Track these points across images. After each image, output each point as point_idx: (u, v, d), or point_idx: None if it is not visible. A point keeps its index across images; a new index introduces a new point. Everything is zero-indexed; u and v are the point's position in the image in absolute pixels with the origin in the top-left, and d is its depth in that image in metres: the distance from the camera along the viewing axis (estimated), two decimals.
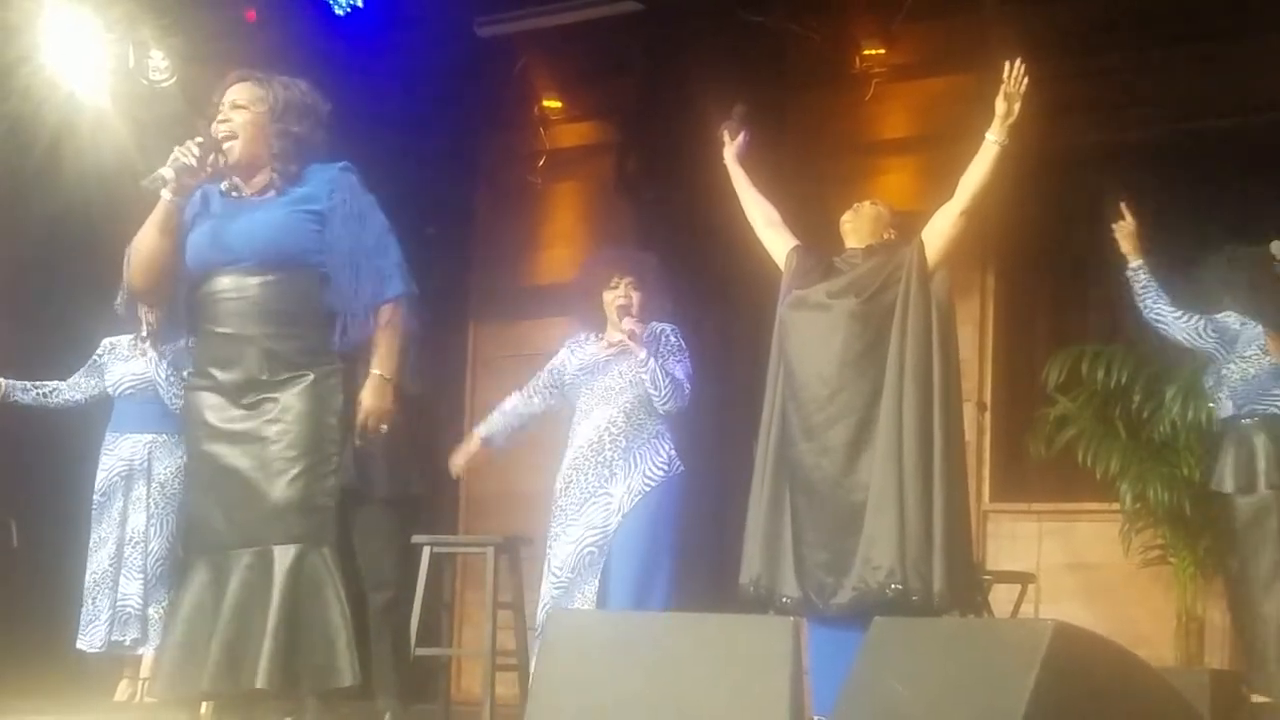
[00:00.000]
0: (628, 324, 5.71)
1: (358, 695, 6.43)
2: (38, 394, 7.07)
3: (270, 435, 4.25)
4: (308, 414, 4.26)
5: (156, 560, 6.85)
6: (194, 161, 4.28)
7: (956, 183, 7.84)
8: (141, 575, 6.80)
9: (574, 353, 5.88)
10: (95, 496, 6.91)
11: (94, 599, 6.80)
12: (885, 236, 5.40)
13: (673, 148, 8.05)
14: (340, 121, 7.95)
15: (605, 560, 5.61)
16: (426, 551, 6.75)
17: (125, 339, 7.02)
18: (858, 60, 8.02)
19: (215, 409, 4.32)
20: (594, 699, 4.22)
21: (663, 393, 5.66)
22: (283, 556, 4.17)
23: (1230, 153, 7.35)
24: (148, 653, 6.81)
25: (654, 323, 5.81)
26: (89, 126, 7.32)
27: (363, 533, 6.22)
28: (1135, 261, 6.33)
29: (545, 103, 8.88)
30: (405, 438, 6.31)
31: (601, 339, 5.82)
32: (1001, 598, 7.05)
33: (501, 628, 6.75)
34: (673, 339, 5.80)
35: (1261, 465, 6.07)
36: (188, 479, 4.71)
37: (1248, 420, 6.12)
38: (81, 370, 7.09)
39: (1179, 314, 6.24)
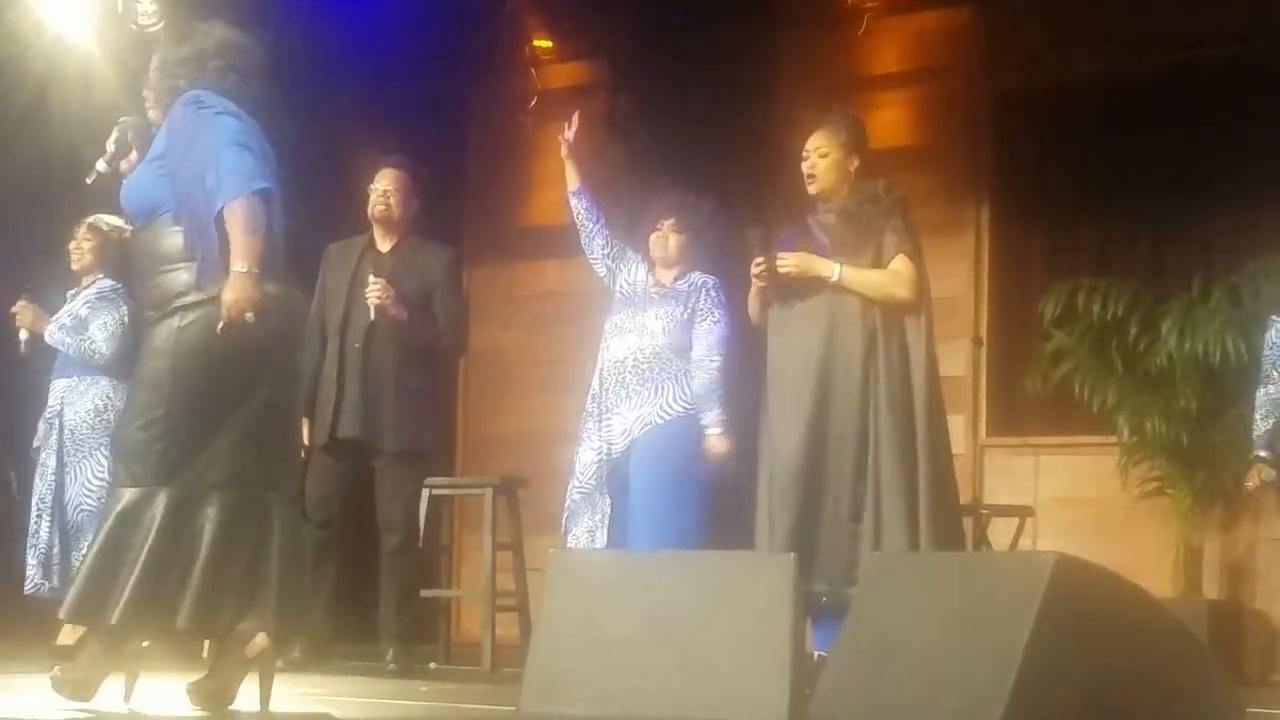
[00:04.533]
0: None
1: (359, 638, 6.50)
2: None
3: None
4: (150, 357, 4.29)
5: (76, 509, 6.53)
6: (112, 145, 4.45)
7: (951, 118, 7.89)
8: (53, 521, 6.54)
9: (633, 268, 5.96)
10: (34, 444, 6.72)
11: (30, 546, 6.62)
12: (851, 168, 5.31)
13: (664, 85, 8.01)
14: (330, 68, 7.96)
15: (625, 489, 5.70)
16: (425, 494, 6.75)
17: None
18: None
19: None
20: (598, 637, 4.23)
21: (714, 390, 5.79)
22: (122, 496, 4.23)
23: (1223, 84, 7.32)
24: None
25: (696, 274, 5.86)
26: (76, 71, 7.26)
27: (379, 476, 6.25)
28: None
29: (535, 43, 8.82)
30: (424, 390, 6.33)
31: (651, 274, 5.92)
32: (999, 532, 7.07)
33: (500, 569, 6.76)
34: (712, 294, 5.84)
35: None
36: None
37: None
38: None
39: None
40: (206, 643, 4.81)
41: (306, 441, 6.29)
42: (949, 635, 3.85)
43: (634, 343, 5.82)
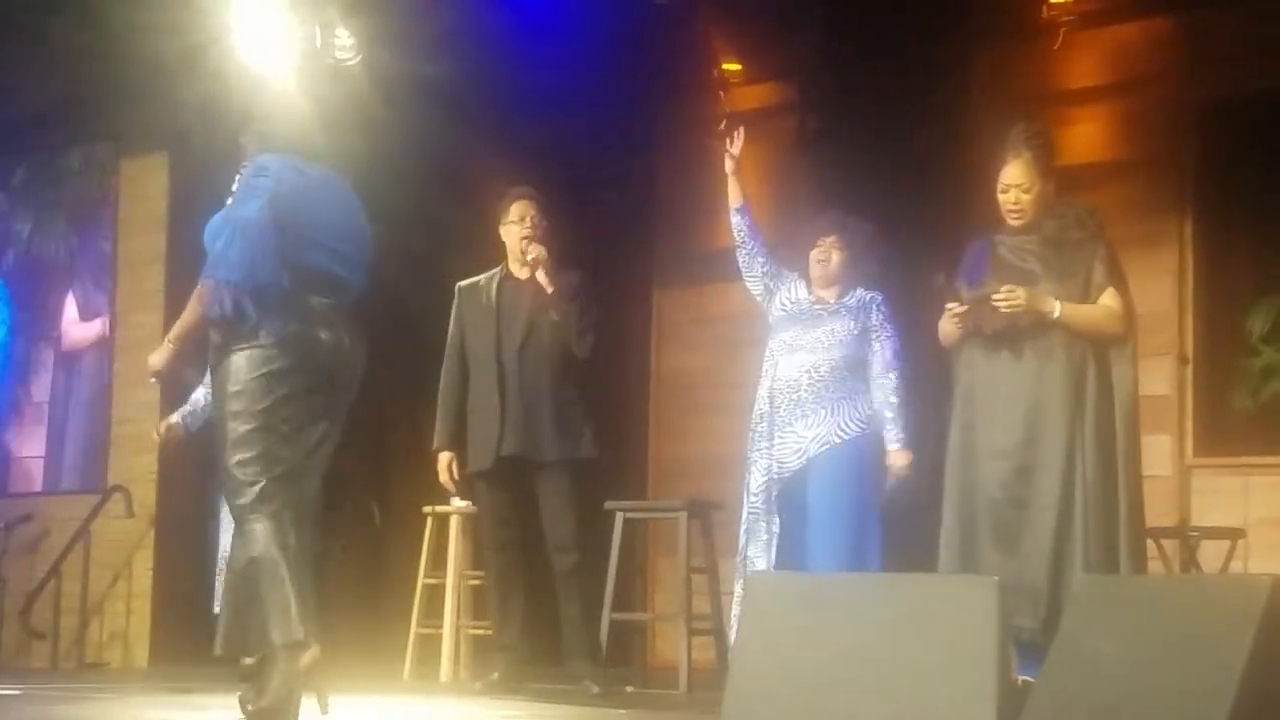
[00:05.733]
0: None
1: (546, 660, 6.52)
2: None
3: None
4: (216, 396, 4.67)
5: None
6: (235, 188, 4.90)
7: (1151, 130, 7.68)
8: None
9: (791, 286, 6.00)
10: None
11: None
12: (1050, 193, 5.19)
13: (854, 106, 7.94)
14: (519, 94, 8.05)
15: (798, 509, 5.68)
16: (619, 518, 6.77)
17: None
18: (1045, 8, 7.83)
19: None
20: (797, 661, 4.19)
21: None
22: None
23: None
24: None
25: (861, 290, 5.88)
26: (272, 105, 7.41)
27: (544, 496, 6.28)
28: None
29: (724, 66, 8.82)
30: (576, 400, 6.36)
31: (811, 293, 5.95)
32: (1208, 554, 6.87)
33: (694, 591, 6.74)
34: (883, 310, 5.92)
35: None
36: None
37: None
38: None
39: None
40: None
41: (455, 472, 6.38)
42: (1161, 661, 3.73)
43: (808, 360, 5.83)
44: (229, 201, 4.82)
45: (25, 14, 7.97)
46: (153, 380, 4.78)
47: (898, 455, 5.78)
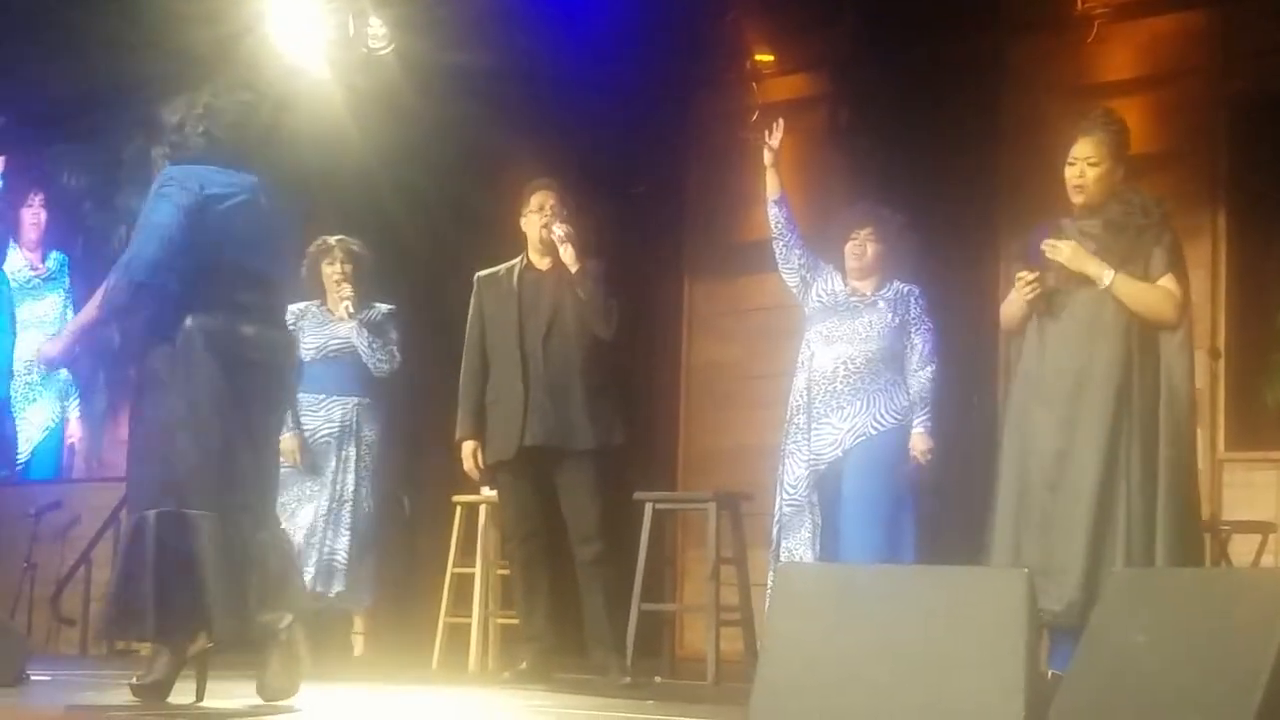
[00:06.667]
0: None
1: (574, 650, 6.53)
2: None
3: None
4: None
5: (366, 517, 7.11)
6: None
7: (1185, 123, 7.64)
8: (350, 531, 7.07)
9: (827, 278, 6.05)
10: (292, 461, 7.00)
11: (302, 554, 6.94)
12: (1117, 178, 5.16)
13: (886, 97, 7.94)
14: (552, 85, 8.05)
15: (835, 500, 5.70)
16: (649, 508, 6.77)
17: (311, 305, 7.24)
18: (1079, 1, 7.79)
19: None
20: (826, 653, 4.19)
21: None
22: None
23: None
24: (359, 606, 7.24)
25: (898, 282, 5.91)
26: (308, 94, 7.45)
27: (566, 486, 6.27)
28: None
29: (756, 57, 8.80)
30: (605, 389, 6.36)
31: (847, 285, 6.00)
32: (1240, 548, 6.83)
33: (723, 583, 6.74)
34: (921, 302, 5.99)
35: None
36: None
37: None
38: None
39: None
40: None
41: (481, 463, 6.39)
42: (1190, 654, 3.73)
43: (845, 351, 5.86)
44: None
45: (58, 3, 8.01)
46: (43, 368, 4.94)
47: (921, 439, 5.84)
